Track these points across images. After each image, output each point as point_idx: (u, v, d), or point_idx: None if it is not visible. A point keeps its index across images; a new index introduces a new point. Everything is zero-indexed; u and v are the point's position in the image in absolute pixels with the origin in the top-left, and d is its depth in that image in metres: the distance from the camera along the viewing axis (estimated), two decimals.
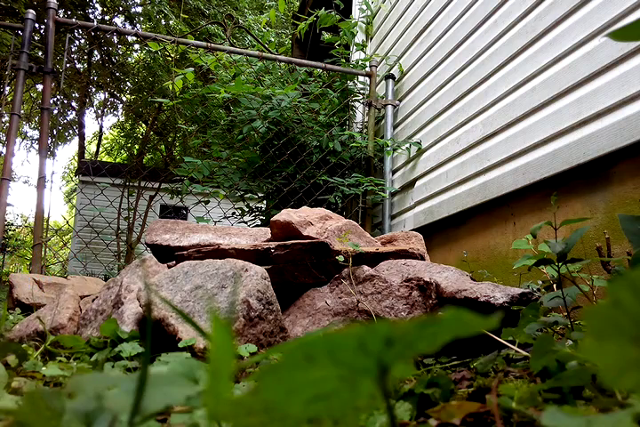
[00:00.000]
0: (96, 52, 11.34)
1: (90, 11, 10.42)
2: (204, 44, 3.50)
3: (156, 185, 9.86)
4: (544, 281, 1.86)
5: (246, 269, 1.47)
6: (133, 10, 10.57)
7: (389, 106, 3.79)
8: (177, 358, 0.97)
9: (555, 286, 1.67)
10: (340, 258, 1.74)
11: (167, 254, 1.97)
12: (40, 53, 7.44)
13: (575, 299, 0.99)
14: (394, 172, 3.73)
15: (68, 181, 20.91)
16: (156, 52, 9.14)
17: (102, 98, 13.42)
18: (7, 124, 3.07)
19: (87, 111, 13.48)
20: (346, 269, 1.74)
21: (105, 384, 0.39)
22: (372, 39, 4.45)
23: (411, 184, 3.43)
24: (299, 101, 3.63)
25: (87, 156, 16.03)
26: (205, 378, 0.42)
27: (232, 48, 3.60)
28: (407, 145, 3.43)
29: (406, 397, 0.72)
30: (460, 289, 1.40)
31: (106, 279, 4.02)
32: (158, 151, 13.22)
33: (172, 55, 9.65)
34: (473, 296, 1.36)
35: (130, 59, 12.54)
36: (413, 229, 3.17)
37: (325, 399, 0.34)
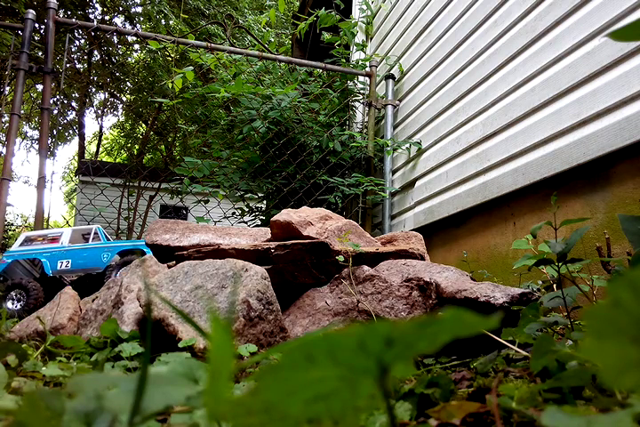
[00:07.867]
0: (96, 52, 11.34)
1: (90, 11, 10.43)
2: (204, 44, 3.50)
3: (156, 185, 9.87)
4: (544, 281, 1.87)
5: (246, 269, 1.47)
6: (133, 10, 10.58)
7: (389, 106, 3.79)
8: (177, 358, 0.97)
9: (555, 286, 1.67)
10: (340, 258, 1.74)
11: (167, 254, 1.97)
12: (40, 53, 7.44)
13: (575, 299, 0.99)
14: (394, 172, 3.73)
15: (68, 181, 20.90)
16: (156, 52, 9.14)
17: (102, 98, 13.43)
18: (7, 124, 3.07)
19: (87, 111, 13.50)
20: (346, 269, 1.74)
21: (105, 384, 0.39)
22: (372, 39, 4.45)
23: (411, 184, 3.43)
24: (299, 101, 3.63)
25: (87, 156, 16.02)
26: (205, 378, 0.42)
27: (232, 48, 3.60)
28: (407, 145, 3.43)
29: (406, 397, 0.72)
30: (460, 289, 1.40)
31: None
32: (158, 151, 13.22)
33: (172, 55, 9.65)
34: (473, 296, 1.36)
35: (130, 59, 12.54)
36: (413, 229, 3.17)
37: (325, 399, 0.34)
